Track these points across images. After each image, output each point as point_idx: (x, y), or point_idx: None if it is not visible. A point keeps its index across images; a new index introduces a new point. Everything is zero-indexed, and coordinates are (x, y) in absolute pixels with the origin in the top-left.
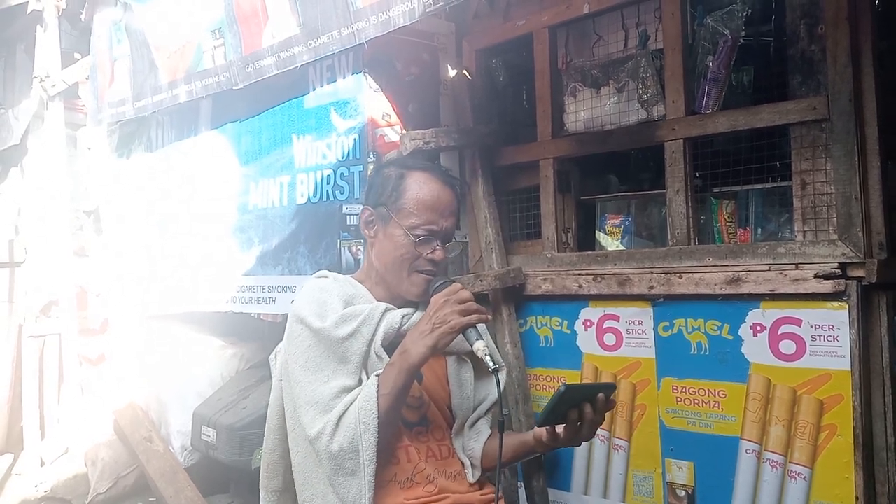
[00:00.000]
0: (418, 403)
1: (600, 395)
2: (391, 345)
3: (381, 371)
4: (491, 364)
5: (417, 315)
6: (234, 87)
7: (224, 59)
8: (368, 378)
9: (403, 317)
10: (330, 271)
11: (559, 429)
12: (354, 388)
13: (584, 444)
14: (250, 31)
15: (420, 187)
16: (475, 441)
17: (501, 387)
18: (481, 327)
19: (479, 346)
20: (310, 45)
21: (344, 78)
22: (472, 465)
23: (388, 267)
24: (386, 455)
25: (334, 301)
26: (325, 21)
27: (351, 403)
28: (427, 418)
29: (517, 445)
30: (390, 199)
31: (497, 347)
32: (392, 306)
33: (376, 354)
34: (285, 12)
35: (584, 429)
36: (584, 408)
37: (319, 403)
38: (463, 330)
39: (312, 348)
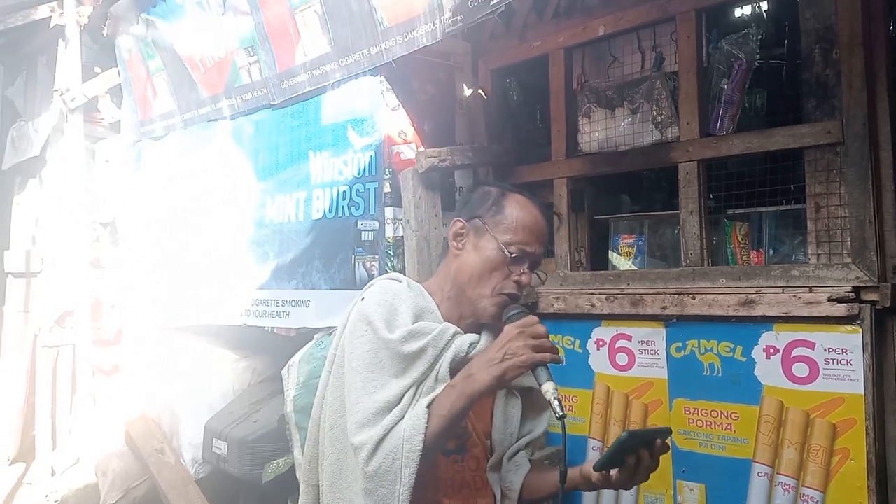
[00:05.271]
0: (461, 432)
1: (658, 441)
2: (451, 371)
3: (432, 395)
4: (559, 410)
5: (483, 342)
6: (272, 103)
7: (259, 76)
8: (416, 398)
9: (471, 344)
10: (393, 280)
11: (612, 472)
12: (399, 405)
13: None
14: (283, 48)
15: (521, 207)
16: (514, 474)
17: (566, 437)
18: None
19: (549, 388)
20: (341, 62)
21: (364, 74)
22: (507, 497)
23: (472, 281)
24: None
25: (405, 311)
26: (356, 40)
27: (393, 425)
28: (465, 447)
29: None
30: (488, 213)
31: None
32: (460, 330)
33: (437, 377)
34: (316, 31)
35: (640, 474)
36: (641, 454)
37: (361, 413)
38: (533, 367)
39: (371, 353)
